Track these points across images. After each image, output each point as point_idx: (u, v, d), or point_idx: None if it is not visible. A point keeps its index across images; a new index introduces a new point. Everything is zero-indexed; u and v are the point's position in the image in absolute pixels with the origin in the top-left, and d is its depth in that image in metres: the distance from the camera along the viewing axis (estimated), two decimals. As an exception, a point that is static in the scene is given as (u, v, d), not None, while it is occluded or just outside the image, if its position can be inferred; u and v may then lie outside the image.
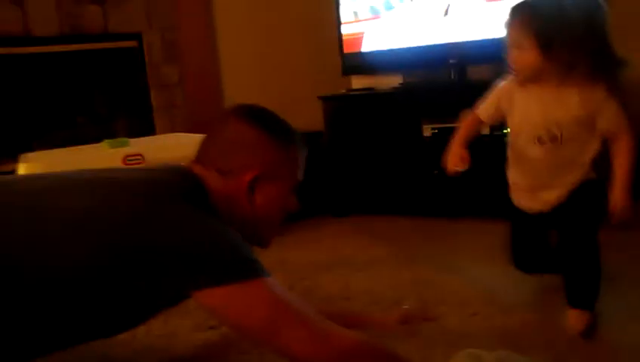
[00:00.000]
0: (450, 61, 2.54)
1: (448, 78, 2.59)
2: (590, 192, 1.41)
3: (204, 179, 1.03)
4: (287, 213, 1.16)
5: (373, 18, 2.73)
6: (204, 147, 1.10)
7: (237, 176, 1.04)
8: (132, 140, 1.95)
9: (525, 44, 1.34)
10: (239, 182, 1.04)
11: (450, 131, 2.51)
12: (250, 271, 0.89)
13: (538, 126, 1.41)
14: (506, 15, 1.42)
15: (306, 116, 2.94)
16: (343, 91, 2.86)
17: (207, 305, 0.89)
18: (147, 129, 2.83)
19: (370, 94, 2.74)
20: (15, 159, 1.79)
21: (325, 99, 2.75)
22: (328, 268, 1.94)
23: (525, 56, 1.36)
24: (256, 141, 1.06)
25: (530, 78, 1.40)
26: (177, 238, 0.88)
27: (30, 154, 1.92)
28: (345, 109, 2.74)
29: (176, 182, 0.99)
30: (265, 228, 1.12)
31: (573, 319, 1.34)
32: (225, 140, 1.07)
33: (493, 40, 2.41)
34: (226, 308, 0.88)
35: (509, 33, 1.40)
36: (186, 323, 1.50)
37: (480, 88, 2.45)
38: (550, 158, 1.41)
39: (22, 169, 1.62)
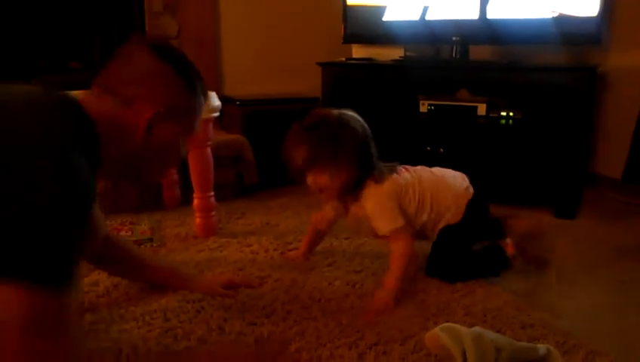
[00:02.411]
0: (454, 38, 2.52)
1: (450, 55, 2.57)
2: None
3: (91, 104, 0.95)
4: (176, 158, 1.12)
5: (380, -13, 2.68)
6: (108, 70, 1.02)
7: (138, 107, 0.99)
8: (126, 89, 1.92)
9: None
10: (139, 114, 0.99)
11: (447, 109, 2.53)
12: (37, 272, 0.75)
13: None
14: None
15: (303, 81, 2.92)
16: (343, 59, 2.83)
17: None
18: (142, 80, 2.79)
19: (368, 64, 2.71)
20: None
21: (324, 66, 2.72)
22: (314, 235, 1.95)
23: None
24: (167, 79, 1.02)
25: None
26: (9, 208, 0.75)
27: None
28: (343, 78, 2.71)
29: (53, 103, 0.90)
30: (149, 168, 1.09)
31: None
32: (132, 68, 1.01)
33: (497, 21, 2.40)
34: None
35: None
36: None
37: (479, 68, 2.46)
38: None
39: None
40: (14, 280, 0.74)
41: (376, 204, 1.49)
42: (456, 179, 1.65)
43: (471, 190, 1.64)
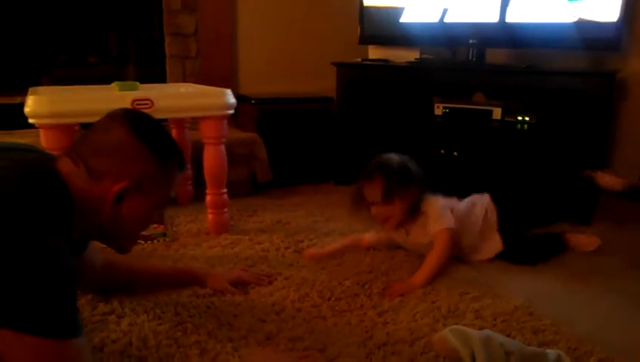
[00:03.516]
0: (471, 41, 2.51)
1: (466, 58, 2.56)
2: None
3: (69, 175, 0.98)
4: (148, 226, 1.14)
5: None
6: (81, 142, 1.03)
7: (107, 182, 0.99)
8: (142, 85, 1.93)
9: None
10: (107, 188, 0.99)
11: (462, 112, 2.51)
12: (50, 327, 0.82)
13: None
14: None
15: (319, 81, 2.93)
16: (358, 60, 2.83)
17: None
18: (158, 76, 2.81)
19: (384, 65, 2.71)
20: (24, 92, 1.78)
21: (339, 66, 2.72)
22: (326, 234, 1.95)
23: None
24: (135, 153, 1.01)
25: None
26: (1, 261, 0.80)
27: (39, 88, 1.90)
28: (358, 78, 2.71)
29: (24, 180, 0.90)
30: (123, 237, 1.10)
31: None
32: (104, 142, 1.01)
33: (517, 24, 2.38)
34: (7, 352, 0.81)
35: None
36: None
37: (496, 72, 2.44)
38: None
39: (30, 101, 1.61)
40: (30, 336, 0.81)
41: (435, 207, 1.70)
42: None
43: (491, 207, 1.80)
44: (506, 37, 2.41)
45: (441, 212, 1.69)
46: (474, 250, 1.76)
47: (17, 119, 1.80)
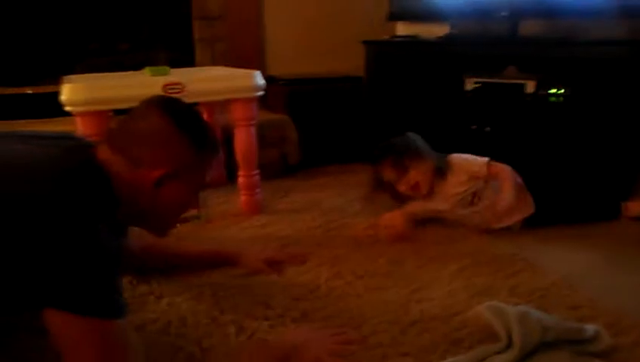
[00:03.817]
0: (502, 14, 2.44)
1: (497, 31, 2.50)
2: None
3: (109, 163, 1.00)
4: (187, 210, 1.17)
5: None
6: (119, 129, 1.07)
7: (145, 169, 1.02)
8: (173, 70, 1.95)
9: None
10: (146, 175, 1.02)
11: (493, 87, 2.46)
12: (98, 308, 0.86)
13: None
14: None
15: (347, 60, 2.90)
16: (387, 37, 2.79)
17: (48, 322, 0.86)
18: (187, 61, 2.83)
19: (413, 42, 2.67)
20: (57, 81, 1.82)
21: (368, 44, 2.69)
22: (358, 213, 1.96)
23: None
24: (173, 140, 1.04)
25: None
26: (52, 249, 0.84)
27: (73, 77, 1.94)
28: (387, 56, 2.68)
29: (76, 171, 0.94)
30: (161, 221, 1.14)
31: None
32: (142, 130, 1.04)
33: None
34: (58, 333, 0.86)
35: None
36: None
37: (530, 44, 2.38)
38: None
39: (66, 90, 1.64)
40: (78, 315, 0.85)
41: (464, 159, 1.83)
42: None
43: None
44: (540, 7, 2.34)
45: (472, 157, 1.80)
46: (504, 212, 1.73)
47: (51, 107, 1.85)
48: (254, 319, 1.23)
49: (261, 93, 1.89)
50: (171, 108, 1.07)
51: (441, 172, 1.79)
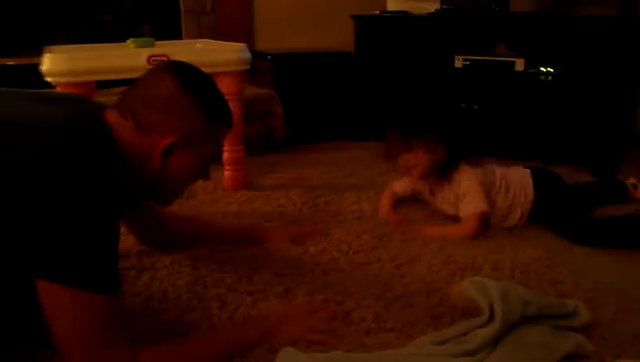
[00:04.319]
0: (493, -11, 2.42)
1: (488, 7, 2.47)
2: None
3: (118, 126, 0.98)
4: (196, 181, 1.13)
5: None
6: (129, 94, 1.03)
7: (155, 135, 0.99)
8: (158, 42, 1.91)
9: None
10: (156, 141, 0.99)
11: (483, 64, 2.45)
12: (92, 281, 0.84)
13: None
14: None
15: (336, 35, 2.87)
16: (377, 12, 2.76)
17: (39, 293, 0.84)
18: (173, 33, 2.78)
19: (403, 17, 2.63)
20: (39, 52, 1.77)
21: (357, 19, 2.66)
22: (344, 189, 1.95)
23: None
24: (185, 107, 1.01)
25: None
26: (51, 213, 0.81)
27: (56, 47, 1.89)
28: (376, 31, 2.65)
29: (80, 131, 0.91)
30: (168, 190, 1.10)
31: None
32: (153, 95, 1.01)
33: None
34: (49, 305, 0.84)
35: None
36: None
37: (520, 21, 2.36)
38: None
39: (47, 60, 1.61)
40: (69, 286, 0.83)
41: (470, 184, 1.60)
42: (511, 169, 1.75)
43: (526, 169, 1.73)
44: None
45: (477, 192, 1.58)
46: (503, 218, 1.66)
47: (34, 79, 1.81)
48: (237, 294, 1.22)
49: (247, 67, 1.86)
50: (185, 75, 1.03)
51: (443, 174, 1.64)
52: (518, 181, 1.68)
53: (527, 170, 1.72)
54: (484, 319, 1.04)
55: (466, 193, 1.59)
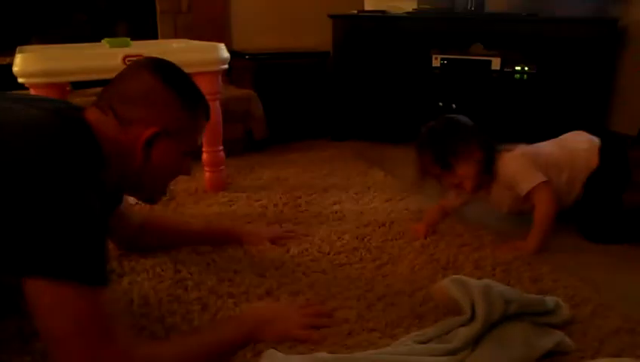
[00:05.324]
0: (469, -11, 2.44)
1: (465, 7, 2.50)
2: None
3: (98, 123, 0.98)
4: (178, 175, 1.14)
5: None
6: (108, 91, 1.04)
7: (136, 128, 1.00)
8: (134, 42, 1.88)
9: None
10: (137, 134, 1.00)
11: (460, 63, 2.47)
12: (82, 274, 0.83)
13: None
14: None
15: (314, 34, 2.87)
16: (355, 12, 2.76)
17: (26, 290, 0.83)
18: (149, 33, 2.75)
19: (380, 17, 2.64)
20: (12, 53, 1.73)
21: (335, 18, 2.66)
22: (324, 190, 1.95)
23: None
24: (164, 99, 1.03)
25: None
26: (33, 204, 0.81)
27: (28, 47, 1.85)
28: (354, 31, 2.65)
29: (60, 129, 0.90)
30: (152, 185, 1.11)
31: None
32: (132, 89, 1.02)
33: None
34: (36, 301, 0.82)
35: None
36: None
37: (496, 21, 2.39)
38: None
39: (19, 60, 1.57)
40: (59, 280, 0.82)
41: (514, 166, 1.53)
42: (571, 136, 1.66)
43: (595, 139, 1.63)
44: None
45: (525, 168, 1.52)
46: (574, 176, 1.57)
47: (7, 80, 1.76)
48: (219, 296, 1.21)
49: (225, 66, 1.84)
50: (163, 69, 1.05)
51: (489, 171, 1.55)
52: (572, 156, 1.59)
53: (595, 141, 1.62)
54: (466, 318, 1.05)
55: (514, 175, 1.52)
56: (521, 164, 1.53)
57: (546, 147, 1.62)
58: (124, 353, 0.86)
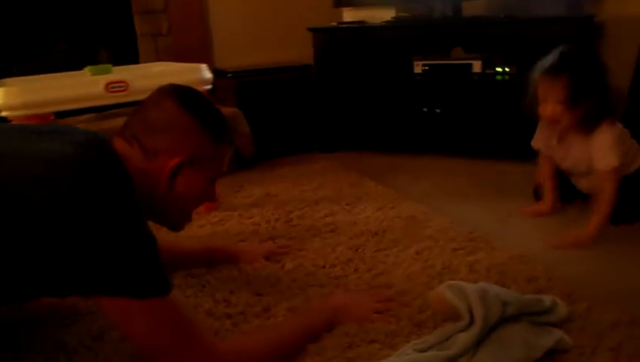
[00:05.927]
0: (445, -6, 2.47)
1: (442, 13, 2.52)
2: None
3: (125, 154, 0.99)
4: (203, 202, 1.15)
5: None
6: (132, 121, 1.05)
7: (161, 158, 1.01)
8: (115, 68, 1.88)
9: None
10: (162, 165, 1.01)
11: (441, 68, 2.49)
12: (153, 288, 0.89)
13: None
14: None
15: (295, 48, 2.88)
16: (334, 24, 2.78)
17: (107, 311, 0.89)
18: (131, 57, 2.75)
19: (360, 27, 2.66)
20: (-6, 84, 1.73)
21: (315, 31, 2.68)
22: (316, 202, 1.95)
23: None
24: (188, 128, 1.03)
25: None
26: (92, 236, 0.84)
27: (9, 80, 1.85)
28: (334, 42, 2.67)
29: (95, 161, 0.92)
30: (177, 212, 1.12)
31: None
32: (157, 119, 1.03)
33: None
34: (123, 321, 0.89)
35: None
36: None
37: (473, 24, 2.41)
38: None
39: (1, 94, 1.56)
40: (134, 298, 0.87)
41: (611, 138, 1.52)
42: None
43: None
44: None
45: (612, 145, 1.51)
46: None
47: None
48: (216, 318, 1.20)
49: (209, 86, 1.84)
50: (184, 97, 1.06)
51: (589, 127, 1.54)
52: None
53: None
54: (464, 323, 1.05)
55: (603, 146, 1.52)
56: (617, 142, 1.53)
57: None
58: (211, 347, 0.93)
